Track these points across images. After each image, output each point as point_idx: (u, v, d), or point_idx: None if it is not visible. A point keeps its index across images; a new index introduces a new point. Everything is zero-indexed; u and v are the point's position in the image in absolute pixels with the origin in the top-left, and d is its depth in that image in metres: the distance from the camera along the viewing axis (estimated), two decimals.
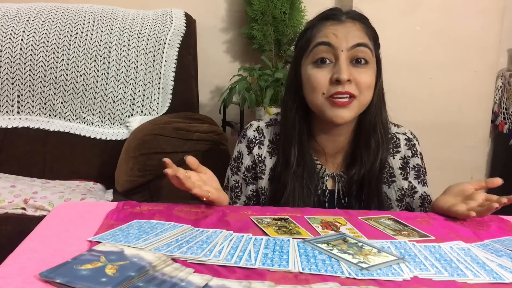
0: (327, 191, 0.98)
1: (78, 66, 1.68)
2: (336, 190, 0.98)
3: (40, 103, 1.69)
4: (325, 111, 0.89)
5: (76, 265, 0.54)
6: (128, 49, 1.70)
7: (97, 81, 1.68)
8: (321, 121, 0.93)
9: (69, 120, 1.69)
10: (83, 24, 1.71)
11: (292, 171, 0.94)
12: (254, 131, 1.01)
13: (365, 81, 0.88)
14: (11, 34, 1.67)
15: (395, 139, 1.00)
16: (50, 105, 1.69)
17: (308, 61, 0.91)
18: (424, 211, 0.99)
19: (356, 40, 0.87)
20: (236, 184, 1.02)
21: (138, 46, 1.71)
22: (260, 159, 0.99)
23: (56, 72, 1.67)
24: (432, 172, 1.18)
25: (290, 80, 0.97)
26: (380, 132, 0.95)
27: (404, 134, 1.02)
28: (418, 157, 1.00)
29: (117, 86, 1.69)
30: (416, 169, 1.00)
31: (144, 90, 1.71)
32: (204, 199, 0.81)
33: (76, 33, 1.69)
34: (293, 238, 0.70)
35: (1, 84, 1.67)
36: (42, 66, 1.67)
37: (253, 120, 1.05)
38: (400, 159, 0.99)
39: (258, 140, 1.00)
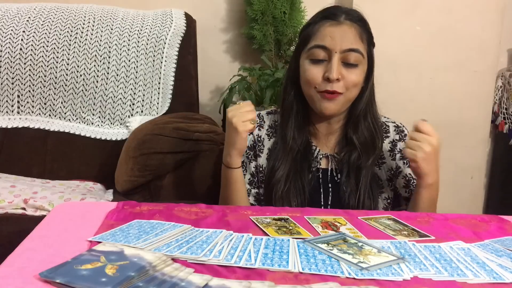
0: (321, 169, 1.08)
1: (78, 66, 1.67)
2: (329, 169, 1.08)
3: (40, 103, 1.69)
4: (315, 102, 1.02)
5: (76, 265, 0.54)
6: (128, 49, 1.70)
7: (97, 81, 1.68)
8: None
9: (69, 120, 1.69)
10: (83, 24, 1.71)
11: (289, 147, 1.05)
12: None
13: (352, 80, 0.99)
14: (11, 34, 1.67)
15: (385, 126, 1.11)
16: (50, 105, 1.69)
17: (306, 55, 1.02)
18: (409, 193, 1.06)
19: (349, 45, 0.98)
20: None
21: (138, 46, 1.71)
22: (259, 139, 1.11)
23: (56, 72, 1.67)
24: None
25: (291, 68, 1.09)
26: (371, 120, 1.07)
27: (394, 122, 1.13)
28: (405, 142, 1.08)
29: (117, 86, 1.69)
30: (402, 151, 1.07)
31: (144, 90, 1.71)
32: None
33: (76, 33, 1.69)
34: (293, 238, 0.70)
35: (1, 84, 1.66)
36: (42, 66, 1.67)
37: None
38: (389, 143, 1.10)
39: (258, 124, 1.12)
